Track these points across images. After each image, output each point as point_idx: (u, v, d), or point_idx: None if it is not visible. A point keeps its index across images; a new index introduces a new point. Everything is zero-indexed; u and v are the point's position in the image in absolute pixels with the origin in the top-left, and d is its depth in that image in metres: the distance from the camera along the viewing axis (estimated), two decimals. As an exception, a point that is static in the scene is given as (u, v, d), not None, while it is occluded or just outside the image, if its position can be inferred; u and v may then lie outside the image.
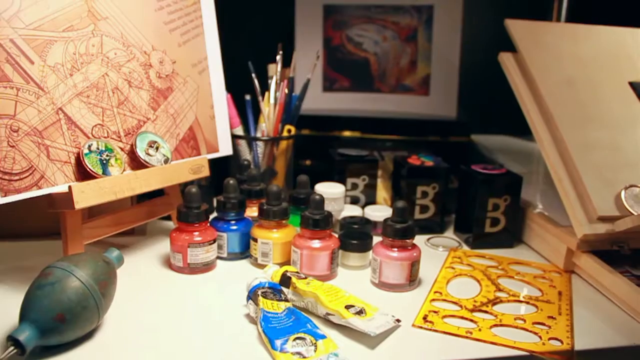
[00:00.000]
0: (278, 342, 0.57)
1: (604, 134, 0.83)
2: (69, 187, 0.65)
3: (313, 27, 1.23)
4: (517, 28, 0.93)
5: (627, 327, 0.66)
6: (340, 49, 1.24)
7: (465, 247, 0.86)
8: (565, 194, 0.78)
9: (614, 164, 0.80)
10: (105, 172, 0.70)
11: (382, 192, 0.95)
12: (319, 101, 1.24)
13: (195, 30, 0.87)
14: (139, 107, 0.78)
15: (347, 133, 1.18)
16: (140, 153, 0.74)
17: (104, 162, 0.71)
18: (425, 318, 0.64)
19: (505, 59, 0.92)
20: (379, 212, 0.86)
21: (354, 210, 0.87)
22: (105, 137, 0.73)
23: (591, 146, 0.81)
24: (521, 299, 0.71)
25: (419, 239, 0.86)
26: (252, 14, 1.29)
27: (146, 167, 0.75)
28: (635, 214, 0.73)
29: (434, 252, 0.83)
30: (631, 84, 0.91)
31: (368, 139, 1.17)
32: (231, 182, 0.78)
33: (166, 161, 0.77)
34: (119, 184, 0.70)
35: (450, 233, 0.90)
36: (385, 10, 1.23)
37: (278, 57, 0.93)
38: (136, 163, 0.75)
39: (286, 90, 0.92)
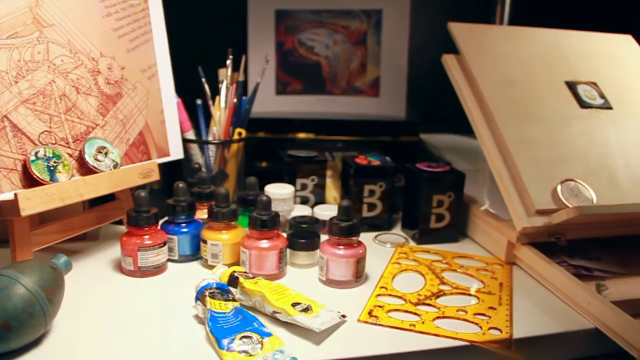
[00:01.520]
0: (225, 342, 0.57)
1: (541, 131, 0.84)
2: (15, 195, 0.63)
3: (265, 32, 1.23)
4: (459, 31, 0.95)
5: (563, 314, 0.68)
6: (292, 53, 1.24)
7: (412, 243, 0.86)
8: (505, 189, 0.79)
9: (551, 159, 0.82)
10: (52, 179, 0.69)
11: (332, 191, 0.96)
12: (273, 104, 1.24)
13: (144, 36, 0.86)
14: (88, 113, 0.77)
15: (301, 135, 1.18)
16: (89, 159, 0.73)
17: (52, 168, 0.69)
18: (370, 313, 0.65)
19: (448, 61, 0.93)
20: (328, 211, 0.86)
21: (303, 210, 0.87)
22: (52, 144, 0.72)
23: (529, 143, 0.82)
24: (472, 292, 0.71)
25: (368, 237, 0.87)
26: (204, 19, 1.28)
27: (95, 172, 0.74)
28: (571, 206, 0.75)
29: (382, 248, 0.84)
30: (567, 83, 0.93)
31: (321, 140, 1.17)
32: (181, 185, 0.77)
33: (115, 166, 0.76)
34: (67, 190, 0.69)
35: (397, 230, 0.91)
36: (336, 14, 1.23)
37: (228, 62, 0.93)
38: (85, 169, 0.74)
39: (235, 94, 0.91)
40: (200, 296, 0.63)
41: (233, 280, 0.66)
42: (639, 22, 1.18)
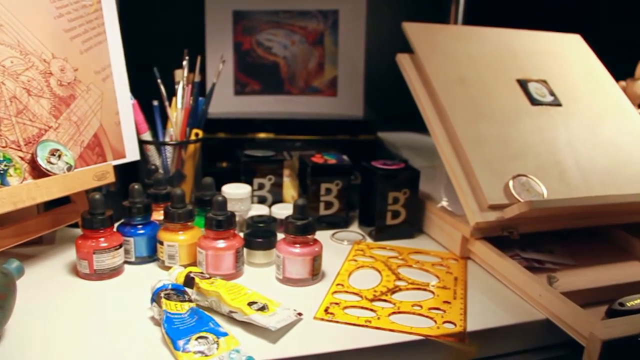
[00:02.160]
0: (180, 343, 0.56)
1: (494, 128, 0.85)
2: (-37, 199, 0.61)
3: (223, 33, 1.22)
4: (413, 30, 0.95)
5: (516, 307, 0.69)
6: (250, 53, 1.23)
7: (369, 240, 0.87)
8: (458, 185, 0.80)
9: (503, 155, 0.83)
10: (3, 183, 0.67)
11: (291, 190, 0.95)
12: (232, 105, 1.23)
13: (97, 37, 0.84)
14: (40, 115, 0.75)
15: (261, 135, 1.18)
16: (41, 162, 0.72)
17: (2, 172, 0.67)
18: (326, 310, 0.65)
19: (403, 60, 0.93)
20: (286, 210, 0.85)
21: (261, 210, 0.87)
22: (3, 147, 0.70)
23: (482, 140, 0.83)
24: (431, 288, 0.72)
25: (325, 234, 0.87)
26: (161, 20, 1.27)
27: (48, 175, 0.72)
28: (522, 201, 0.76)
29: (339, 246, 0.84)
30: (518, 81, 0.94)
31: (281, 140, 1.17)
32: (136, 187, 0.76)
33: (69, 169, 0.74)
34: (18, 193, 0.67)
35: (355, 227, 0.91)
36: (293, 15, 1.23)
37: (184, 63, 0.92)
38: (38, 172, 0.72)
39: (191, 95, 0.90)
40: (155, 298, 0.62)
41: (189, 281, 0.65)
42: (587, 22, 1.21)
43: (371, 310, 0.65)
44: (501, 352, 0.66)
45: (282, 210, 0.86)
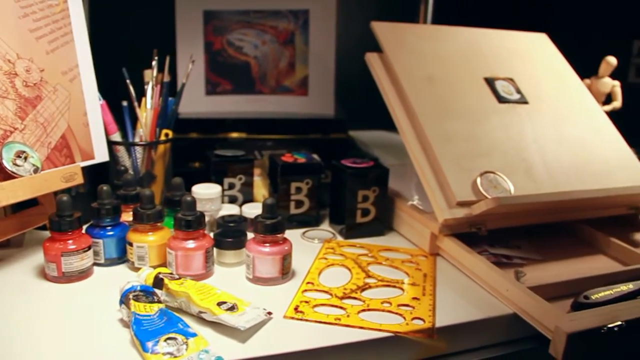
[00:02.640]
0: (149, 344, 0.55)
1: (461, 125, 0.86)
2: None
3: (194, 33, 1.20)
4: (382, 30, 0.95)
5: (484, 302, 0.69)
6: (221, 53, 1.22)
7: (339, 238, 0.86)
8: (427, 182, 0.80)
9: (471, 152, 0.83)
10: (-33, 185, 0.65)
11: (262, 189, 0.95)
12: (203, 105, 1.22)
13: (64, 37, 0.83)
14: (5, 116, 0.73)
15: (234, 134, 1.17)
16: (7, 164, 0.70)
17: (-34, 174, 0.66)
18: (296, 309, 0.64)
19: (372, 59, 0.93)
20: (256, 209, 0.85)
21: (231, 209, 0.86)
22: (-33, 149, 0.68)
23: (450, 137, 0.84)
24: (404, 285, 0.72)
25: (296, 233, 0.86)
26: (132, 20, 1.25)
27: (14, 177, 0.70)
28: (490, 197, 0.76)
29: (310, 244, 0.84)
30: (485, 79, 0.95)
31: (253, 139, 1.16)
32: (104, 188, 0.75)
33: (36, 171, 0.73)
34: (-17, 196, 0.65)
35: (325, 225, 0.91)
36: (264, 15, 1.22)
37: (153, 63, 0.90)
38: (4, 174, 0.70)
39: (160, 95, 0.89)
40: (124, 299, 0.61)
41: (158, 282, 0.65)
42: (553, 21, 1.22)
43: (341, 308, 0.65)
44: (470, 346, 0.66)
45: (253, 210, 0.85)
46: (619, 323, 0.59)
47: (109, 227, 0.75)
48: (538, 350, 0.61)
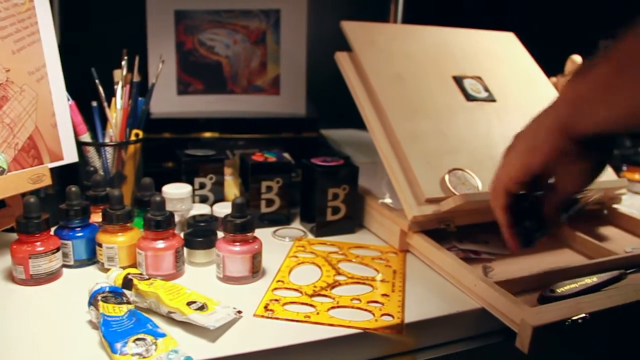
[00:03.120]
0: (118, 345, 0.55)
1: (430, 124, 0.86)
2: None
3: (165, 32, 1.19)
4: (352, 29, 0.95)
5: (452, 297, 0.69)
6: (192, 53, 1.21)
7: (310, 236, 0.86)
8: (396, 180, 0.80)
9: (439, 150, 0.84)
10: None
11: (233, 189, 0.94)
12: (175, 105, 1.21)
13: (30, 37, 0.81)
14: (-30, 118, 0.72)
15: (207, 134, 1.16)
16: (-28, 165, 0.69)
17: None
18: (266, 307, 0.64)
19: (341, 58, 0.93)
20: (227, 209, 0.84)
21: (202, 209, 0.86)
22: None
23: (419, 135, 0.84)
24: (377, 282, 0.72)
25: (267, 232, 0.86)
26: (102, 20, 1.24)
27: (-20, 179, 0.69)
28: (458, 194, 0.77)
29: (281, 243, 0.83)
30: (454, 78, 0.95)
31: (225, 139, 1.15)
32: (73, 189, 0.74)
33: (2, 172, 0.72)
34: (-53, 198, 0.64)
35: (297, 224, 0.91)
36: (235, 14, 1.22)
37: (123, 63, 0.89)
38: (-31, 176, 0.69)
39: (129, 95, 0.88)
40: (93, 301, 0.60)
41: (127, 283, 0.64)
42: (521, 21, 1.23)
43: (311, 305, 0.65)
44: (439, 341, 0.67)
45: (224, 209, 0.84)
46: (583, 315, 0.60)
47: (78, 229, 0.74)
48: (505, 344, 0.62)
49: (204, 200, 0.90)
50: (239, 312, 0.62)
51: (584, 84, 0.55)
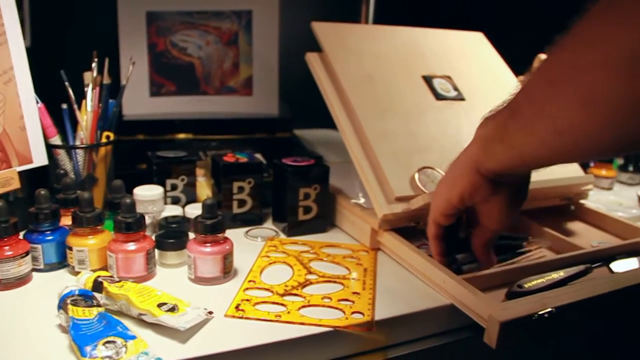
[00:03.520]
0: (87, 349, 0.54)
1: (400, 123, 0.87)
2: None
3: (137, 34, 1.18)
4: (322, 30, 0.95)
5: (422, 294, 0.70)
6: (165, 54, 1.20)
7: (283, 236, 0.86)
8: (366, 179, 0.80)
9: (409, 149, 0.84)
10: None
11: (206, 190, 0.94)
12: (148, 106, 1.20)
13: (-3, 40, 0.80)
14: (-64, 122, 0.70)
15: (181, 135, 1.16)
16: (-62, 170, 0.68)
17: None
18: (237, 307, 0.64)
19: (312, 59, 0.93)
20: (198, 210, 0.84)
21: (174, 210, 0.85)
22: None
23: (388, 135, 0.84)
24: (349, 281, 0.72)
25: (239, 232, 0.86)
26: (74, 21, 1.22)
27: (-54, 183, 0.68)
28: (427, 192, 0.77)
29: (253, 243, 0.83)
30: (423, 77, 0.96)
31: (200, 140, 1.15)
32: (42, 192, 0.73)
33: (-31, 176, 0.71)
34: None
35: (269, 224, 0.91)
36: (207, 16, 1.21)
37: (93, 65, 0.88)
38: None
39: (99, 98, 0.87)
40: (62, 304, 0.60)
41: (97, 286, 0.63)
42: (489, 21, 1.24)
43: (282, 305, 0.65)
44: (409, 338, 0.67)
45: (196, 210, 0.84)
46: (549, 309, 0.61)
47: (48, 232, 0.73)
48: (475, 339, 0.62)
49: (176, 201, 0.90)
50: (210, 312, 0.62)
51: (490, 125, 0.61)
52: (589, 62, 0.46)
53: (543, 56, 1.12)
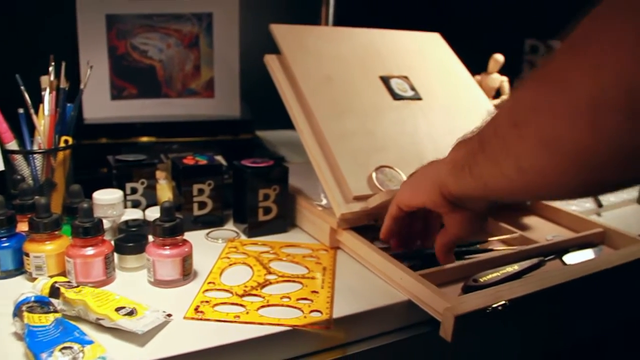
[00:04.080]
0: (43, 355, 0.53)
1: (358, 123, 0.87)
2: None
3: (96, 37, 1.16)
4: (280, 32, 0.95)
5: (381, 291, 0.70)
6: (125, 57, 1.19)
7: (243, 237, 0.86)
8: (324, 179, 0.81)
9: (367, 149, 0.84)
10: None
11: (167, 192, 0.93)
12: (110, 110, 1.19)
13: (-50, 45, 0.78)
14: None
15: (143, 139, 1.14)
16: None
17: None
18: (196, 309, 0.64)
19: (270, 61, 0.93)
20: (159, 213, 0.83)
21: (135, 214, 0.84)
22: None
23: (346, 135, 0.85)
24: (314, 280, 0.72)
25: (201, 234, 0.85)
26: (31, 25, 1.20)
27: None
28: (384, 190, 0.78)
29: (214, 244, 0.83)
30: (381, 78, 0.96)
31: (162, 143, 1.14)
32: (-4, 198, 0.71)
33: None
34: None
35: (230, 225, 0.90)
36: (167, 18, 1.20)
37: (50, 69, 0.87)
38: None
39: (55, 102, 0.86)
40: (17, 312, 0.59)
41: (54, 292, 0.62)
42: (445, 21, 1.26)
43: (241, 305, 0.65)
44: (368, 334, 0.67)
45: (156, 214, 0.83)
46: (503, 302, 0.61)
47: (4, 239, 0.71)
48: (432, 334, 0.63)
49: (136, 205, 0.89)
50: (169, 315, 0.62)
51: (461, 150, 0.61)
52: (551, 106, 0.45)
53: (498, 56, 1.14)
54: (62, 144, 0.87)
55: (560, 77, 0.45)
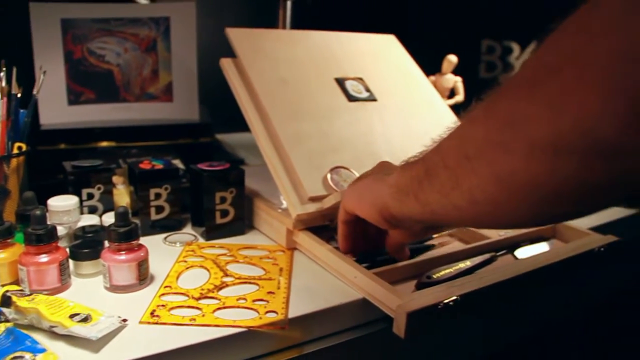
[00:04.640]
0: (-6, 365, 0.52)
1: (313, 125, 0.87)
2: None
3: (52, 42, 1.15)
4: (236, 36, 0.95)
5: (336, 290, 0.70)
6: (82, 62, 1.17)
7: (201, 240, 0.85)
8: (280, 181, 0.81)
9: (322, 150, 0.85)
10: None
11: (125, 197, 0.92)
12: (67, 115, 1.17)
13: None
14: None
15: (102, 143, 1.13)
16: None
17: None
18: (152, 313, 0.63)
19: (226, 64, 0.93)
20: (115, 218, 0.83)
21: (91, 220, 0.83)
22: None
23: (301, 136, 0.85)
24: (276, 280, 0.72)
25: (159, 238, 0.85)
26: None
27: None
28: (339, 191, 0.78)
29: (172, 248, 0.82)
30: (336, 80, 0.97)
31: (122, 148, 1.13)
32: (-53, 207, 0.70)
33: None
34: None
35: (188, 229, 0.90)
36: (124, 23, 1.19)
37: (1, 74, 0.85)
38: None
39: (6, 108, 0.84)
40: (-33, 322, 0.57)
41: (5, 301, 0.61)
42: (400, 23, 1.27)
43: (197, 308, 0.64)
44: (324, 333, 0.68)
45: (113, 219, 0.82)
46: (454, 298, 0.62)
47: (-46, 248, 0.70)
48: (387, 331, 0.63)
49: (93, 210, 0.87)
50: (124, 320, 0.61)
51: (406, 175, 0.58)
52: (507, 142, 0.43)
53: (451, 56, 1.16)
54: (15, 151, 0.85)
55: (517, 112, 0.42)
